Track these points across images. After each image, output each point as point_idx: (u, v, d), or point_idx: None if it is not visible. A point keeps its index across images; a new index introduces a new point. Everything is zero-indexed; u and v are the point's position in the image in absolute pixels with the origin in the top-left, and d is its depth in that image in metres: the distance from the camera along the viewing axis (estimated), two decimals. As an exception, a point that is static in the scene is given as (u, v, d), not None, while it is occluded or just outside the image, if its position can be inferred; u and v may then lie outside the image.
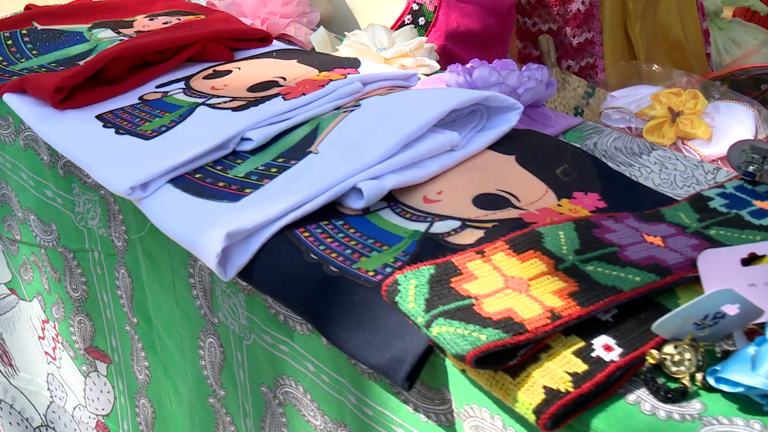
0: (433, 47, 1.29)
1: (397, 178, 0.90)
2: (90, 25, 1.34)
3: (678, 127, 1.28)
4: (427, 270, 0.72)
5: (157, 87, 1.17)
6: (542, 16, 1.90)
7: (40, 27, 1.34)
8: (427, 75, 1.25)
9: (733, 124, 1.28)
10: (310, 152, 0.95)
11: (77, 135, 1.06)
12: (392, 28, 1.60)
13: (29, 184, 1.21)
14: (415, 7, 1.60)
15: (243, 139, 1.00)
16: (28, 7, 1.39)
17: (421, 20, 1.58)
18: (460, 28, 1.63)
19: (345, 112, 1.01)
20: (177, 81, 1.18)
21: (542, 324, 0.67)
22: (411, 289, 0.70)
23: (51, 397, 1.43)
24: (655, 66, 1.92)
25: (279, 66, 1.17)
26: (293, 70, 1.15)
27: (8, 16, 1.38)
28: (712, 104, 1.42)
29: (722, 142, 1.21)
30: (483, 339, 0.65)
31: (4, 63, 1.25)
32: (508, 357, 0.66)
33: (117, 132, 1.05)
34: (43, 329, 1.36)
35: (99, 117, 1.09)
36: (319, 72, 1.13)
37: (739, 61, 2.20)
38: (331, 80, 1.08)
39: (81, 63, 1.22)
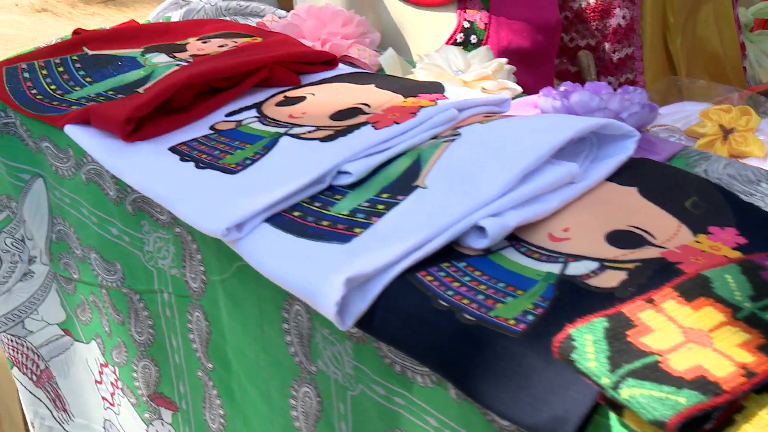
0: (513, 69, 1.23)
1: (519, 214, 0.83)
2: (142, 50, 1.27)
3: (731, 145, 1.24)
4: (600, 323, 0.65)
5: (227, 115, 1.10)
6: (580, 32, 1.85)
7: (90, 52, 1.27)
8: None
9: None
10: (418, 186, 0.88)
11: (154, 170, 0.99)
12: None
13: (91, 220, 1.14)
14: (466, 24, 1.55)
15: (339, 173, 0.92)
16: (76, 32, 1.32)
17: (473, 38, 1.53)
18: (511, 45, 1.57)
19: (445, 141, 0.94)
20: (247, 108, 1.11)
21: (738, 383, 0.60)
22: (588, 346, 0.63)
23: (108, 444, 1.36)
24: (701, 81, 1.87)
25: (357, 91, 1.10)
26: (375, 96, 1.08)
27: (57, 41, 1.30)
28: (765, 120, 1.36)
29: (779, 159, 1.16)
30: (683, 402, 0.58)
31: (59, 92, 1.18)
32: (702, 420, 0.59)
33: (197, 166, 0.98)
34: (101, 373, 1.28)
35: (173, 149, 1.02)
36: (405, 98, 1.06)
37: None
38: (421, 107, 1.01)
39: (140, 90, 1.15)
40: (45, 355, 1.36)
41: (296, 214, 0.88)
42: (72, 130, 1.08)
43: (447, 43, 1.57)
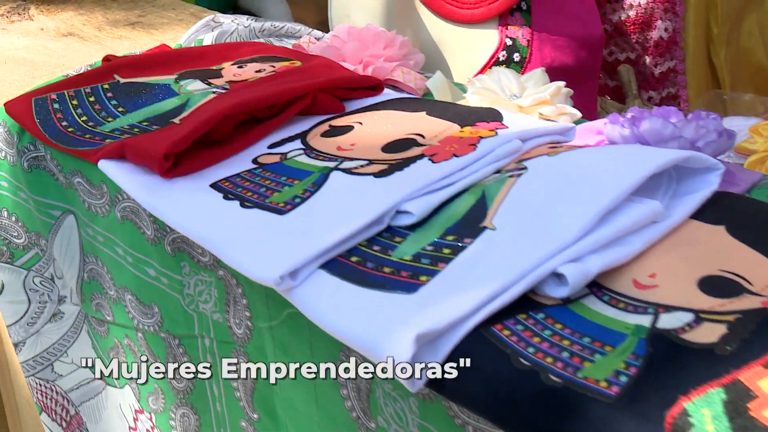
0: (570, 92, 1.15)
1: (601, 259, 0.76)
2: (176, 76, 1.20)
3: None
4: (716, 395, 0.58)
5: (270, 147, 1.04)
6: (619, 45, 1.80)
7: (122, 80, 1.20)
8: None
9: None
10: (486, 228, 0.81)
11: (196, 209, 0.92)
12: (486, 65, 1.48)
13: (126, 260, 1.07)
14: (508, 42, 1.48)
15: (397, 212, 0.85)
16: (107, 59, 1.26)
17: (516, 56, 1.47)
18: (554, 63, 1.51)
19: (511, 176, 0.87)
20: (291, 139, 1.04)
21: None
22: (708, 423, 0.56)
23: (140, 492, 1.29)
24: (747, 95, 1.80)
25: (408, 120, 1.03)
26: (428, 125, 1.01)
27: (87, 69, 1.24)
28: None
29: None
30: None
31: (91, 123, 1.11)
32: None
33: (242, 205, 0.91)
34: (135, 419, 1.21)
35: (215, 186, 0.96)
36: (462, 127, 0.99)
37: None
38: (481, 138, 0.94)
39: (175, 120, 1.08)
40: (75, 399, 1.29)
41: (354, 259, 0.81)
42: (106, 166, 1.02)
43: (489, 61, 1.51)
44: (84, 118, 1.12)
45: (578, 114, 1.12)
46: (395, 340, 0.70)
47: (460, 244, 0.79)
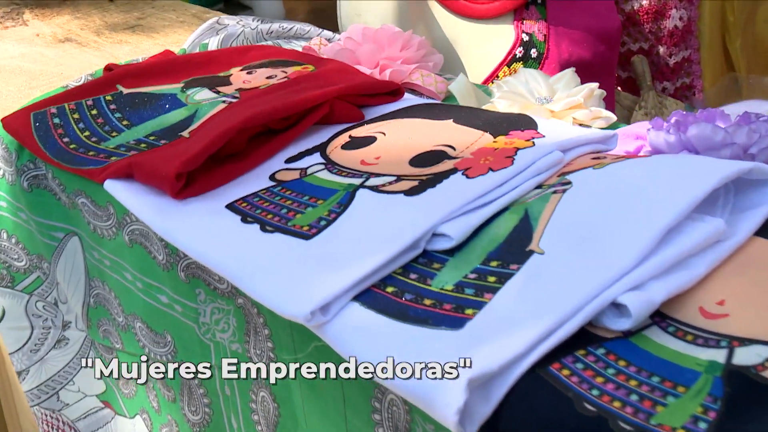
0: (603, 94, 1.08)
1: (665, 286, 0.69)
2: (182, 85, 1.13)
3: None
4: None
5: (287, 161, 0.97)
6: (632, 35, 1.75)
7: (126, 91, 1.13)
8: (603, 128, 1.04)
9: None
10: (533, 252, 0.74)
11: (213, 235, 0.85)
12: (503, 62, 1.42)
13: (136, 286, 1.00)
14: (525, 38, 1.42)
15: (434, 235, 0.78)
16: (108, 68, 1.18)
17: (533, 52, 1.41)
18: (572, 58, 1.45)
19: (555, 192, 0.80)
20: (309, 153, 0.97)
21: None
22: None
23: None
24: (766, 78, 1.75)
25: (434, 129, 0.96)
26: (458, 135, 0.94)
27: (88, 79, 1.17)
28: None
29: None
30: None
31: (94, 139, 1.04)
32: None
33: (263, 229, 0.84)
34: (147, 452, 1.15)
35: (232, 207, 0.89)
36: (494, 137, 0.92)
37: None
38: (517, 149, 0.87)
39: (184, 133, 1.01)
40: (83, 429, 1.22)
41: (390, 290, 0.74)
42: (113, 186, 0.95)
43: (506, 58, 1.45)
44: (86, 133, 1.05)
45: (613, 117, 1.05)
46: (443, 385, 0.63)
47: (506, 271, 0.72)
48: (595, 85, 1.07)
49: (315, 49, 1.27)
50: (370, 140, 0.96)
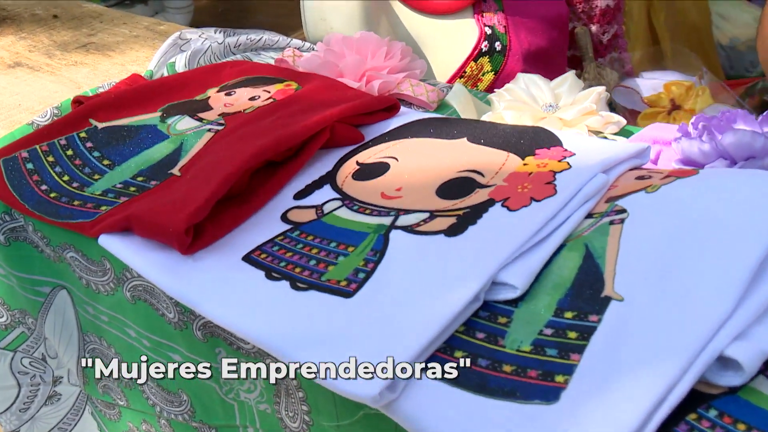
0: (608, 96, 1.03)
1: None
2: (160, 113, 1.04)
3: (671, 121, 1.18)
4: None
5: (295, 197, 0.89)
6: None
7: (100, 125, 1.03)
8: (615, 134, 0.99)
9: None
10: (610, 299, 0.67)
11: (237, 297, 0.77)
12: (470, 57, 1.38)
13: (142, 343, 0.92)
14: (487, 31, 1.39)
15: (494, 283, 0.71)
16: (77, 101, 1.09)
17: (498, 45, 1.40)
18: (531, 47, 1.47)
19: (612, 223, 0.74)
20: (317, 186, 0.90)
21: None
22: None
23: None
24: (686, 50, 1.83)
25: (450, 150, 0.90)
26: (480, 157, 0.87)
27: (54, 114, 1.07)
28: (714, 107, 1.40)
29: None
30: None
31: (75, 184, 0.95)
32: None
33: (294, 286, 0.76)
34: None
35: (250, 260, 0.81)
36: (522, 158, 0.85)
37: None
38: (554, 172, 0.81)
39: (175, 171, 0.93)
40: (81, 486, 1.13)
41: (459, 354, 0.67)
42: (109, 242, 0.86)
43: (472, 53, 1.42)
44: (66, 177, 0.96)
45: (623, 121, 0.99)
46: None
47: (586, 324, 0.66)
48: (602, 88, 1.01)
49: (288, 61, 1.18)
50: (382, 168, 0.89)
